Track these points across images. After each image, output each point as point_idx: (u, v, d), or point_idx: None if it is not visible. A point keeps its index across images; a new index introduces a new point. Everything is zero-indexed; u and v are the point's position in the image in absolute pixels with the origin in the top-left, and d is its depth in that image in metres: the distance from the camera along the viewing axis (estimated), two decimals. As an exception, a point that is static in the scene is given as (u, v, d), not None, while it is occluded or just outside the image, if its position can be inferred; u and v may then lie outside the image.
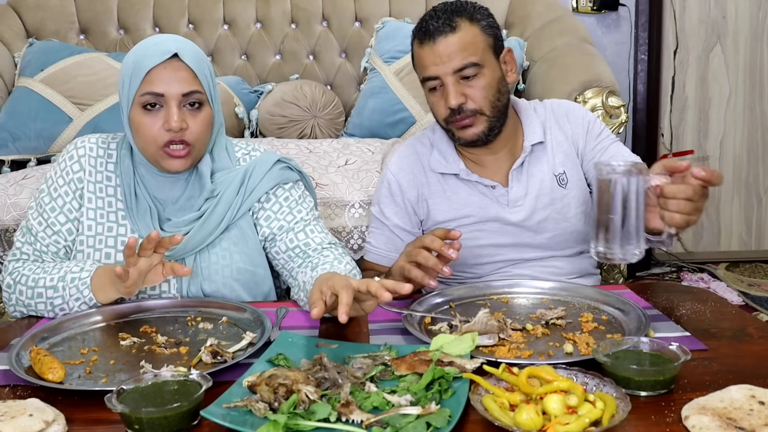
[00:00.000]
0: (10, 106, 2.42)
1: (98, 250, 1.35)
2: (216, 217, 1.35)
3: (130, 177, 1.36)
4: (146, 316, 1.24)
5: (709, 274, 3.25)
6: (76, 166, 1.38)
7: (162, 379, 0.89)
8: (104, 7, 2.79)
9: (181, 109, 1.27)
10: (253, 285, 1.40)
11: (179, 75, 1.27)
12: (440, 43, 1.39)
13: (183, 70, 1.27)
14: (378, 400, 0.85)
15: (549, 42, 2.53)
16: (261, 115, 2.50)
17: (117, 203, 1.37)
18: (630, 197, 1.02)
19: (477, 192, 1.50)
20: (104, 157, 1.39)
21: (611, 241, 1.04)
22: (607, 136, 1.53)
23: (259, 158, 1.42)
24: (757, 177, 3.41)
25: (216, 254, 1.36)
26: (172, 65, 1.27)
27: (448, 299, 1.25)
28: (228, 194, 1.36)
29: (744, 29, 3.29)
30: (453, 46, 1.38)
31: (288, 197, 1.42)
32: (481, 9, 1.45)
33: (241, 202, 1.38)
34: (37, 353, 1.00)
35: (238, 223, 1.39)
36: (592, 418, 0.77)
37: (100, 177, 1.38)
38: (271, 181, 1.41)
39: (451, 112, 1.41)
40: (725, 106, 3.35)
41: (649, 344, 0.94)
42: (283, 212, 1.41)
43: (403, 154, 1.59)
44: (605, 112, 2.14)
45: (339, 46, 2.82)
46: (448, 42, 1.39)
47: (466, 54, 1.39)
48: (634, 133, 3.22)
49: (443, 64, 1.39)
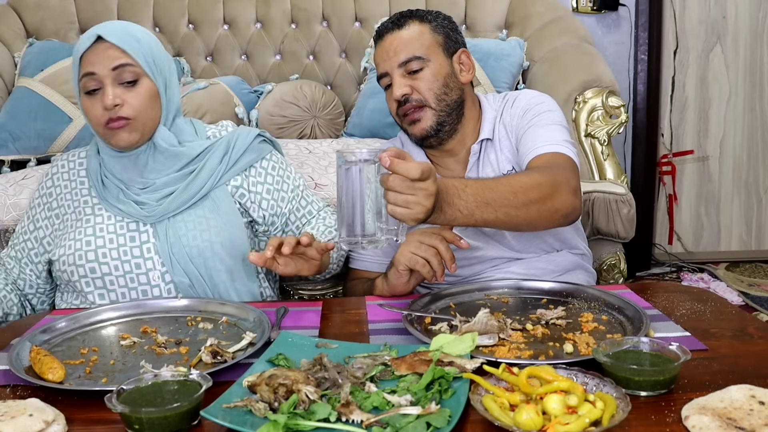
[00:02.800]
0: (10, 106, 2.42)
1: (78, 240, 1.39)
2: (198, 182, 1.41)
3: (96, 171, 1.44)
4: (146, 316, 1.24)
5: (709, 274, 3.25)
6: (49, 182, 1.51)
7: (162, 379, 0.89)
8: (104, 7, 2.79)
9: (116, 86, 1.35)
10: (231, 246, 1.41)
11: (106, 54, 1.34)
12: (386, 39, 1.47)
13: (110, 48, 1.35)
14: (378, 400, 0.85)
15: (549, 42, 2.53)
16: (261, 115, 2.50)
17: (92, 199, 1.45)
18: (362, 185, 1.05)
19: None
20: (75, 168, 1.50)
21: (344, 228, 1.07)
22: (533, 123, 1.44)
23: (241, 130, 1.50)
24: (757, 177, 3.41)
25: (192, 221, 1.40)
26: (99, 46, 1.35)
27: (448, 299, 1.25)
28: (212, 161, 1.43)
29: (744, 29, 3.29)
30: (398, 41, 1.45)
31: (274, 166, 1.51)
32: (437, 13, 1.52)
33: (224, 171, 1.44)
34: (37, 353, 1.00)
35: (213, 193, 1.43)
36: (592, 418, 0.77)
37: (73, 185, 1.48)
38: (254, 153, 1.48)
39: (398, 104, 1.46)
40: (725, 106, 3.35)
41: (649, 344, 0.94)
42: (277, 182, 1.50)
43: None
44: (605, 112, 2.14)
45: (339, 46, 2.81)
46: (394, 37, 1.46)
47: (410, 48, 1.45)
48: (634, 133, 3.22)
49: (389, 59, 1.45)
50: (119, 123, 1.35)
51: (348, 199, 1.06)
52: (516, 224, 1.23)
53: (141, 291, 1.38)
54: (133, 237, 1.39)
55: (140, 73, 1.36)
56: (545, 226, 1.32)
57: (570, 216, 1.31)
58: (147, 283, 1.37)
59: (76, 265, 1.37)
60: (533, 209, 1.22)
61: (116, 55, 1.34)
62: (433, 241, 1.25)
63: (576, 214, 1.32)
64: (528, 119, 1.46)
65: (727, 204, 3.44)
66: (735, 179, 3.42)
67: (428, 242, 1.25)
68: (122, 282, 1.37)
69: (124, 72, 1.35)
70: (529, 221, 1.24)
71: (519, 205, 1.20)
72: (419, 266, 1.25)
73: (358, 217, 1.06)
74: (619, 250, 2.22)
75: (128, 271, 1.37)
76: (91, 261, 1.37)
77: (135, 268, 1.37)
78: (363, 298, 1.32)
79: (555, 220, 1.29)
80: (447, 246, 1.25)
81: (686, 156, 3.36)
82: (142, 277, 1.37)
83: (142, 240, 1.39)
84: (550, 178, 1.27)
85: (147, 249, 1.38)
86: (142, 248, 1.38)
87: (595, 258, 1.82)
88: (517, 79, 2.56)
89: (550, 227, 1.36)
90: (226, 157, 1.44)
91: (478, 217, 1.17)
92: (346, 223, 1.07)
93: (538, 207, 1.23)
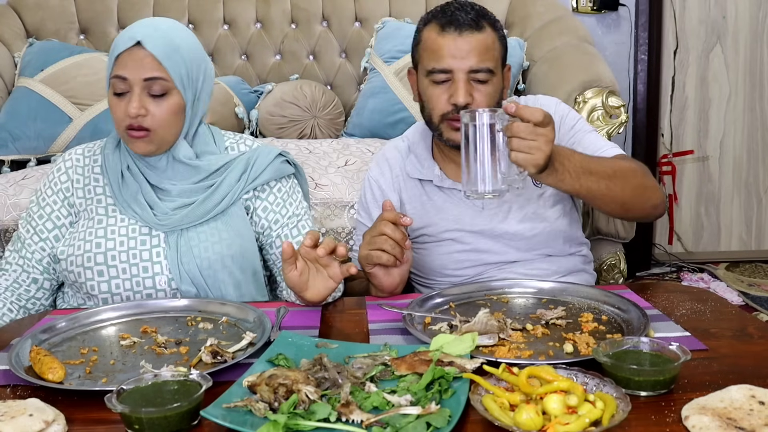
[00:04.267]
0: (10, 106, 2.42)
1: (88, 242, 1.38)
2: (216, 198, 1.40)
3: (117, 166, 1.41)
4: (146, 316, 1.23)
5: (709, 274, 3.25)
6: (63, 176, 1.46)
7: (162, 379, 0.89)
8: (104, 7, 2.79)
9: (144, 95, 1.33)
10: (242, 260, 1.41)
11: (142, 61, 1.32)
12: (465, 37, 1.36)
13: (147, 57, 1.32)
14: (378, 400, 0.85)
15: (549, 42, 2.53)
16: (261, 115, 2.50)
17: (106, 199, 1.43)
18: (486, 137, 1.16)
19: (451, 197, 1.49)
20: (90, 164, 1.47)
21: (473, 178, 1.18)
22: (581, 128, 1.50)
23: (262, 149, 1.47)
24: (757, 177, 3.41)
25: (204, 232, 1.39)
26: (136, 52, 1.32)
27: (448, 299, 1.25)
28: (230, 179, 1.41)
29: (744, 29, 3.29)
30: (476, 45, 1.36)
31: (281, 188, 1.47)
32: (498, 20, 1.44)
33: (242, 188, 1.42)
34: (37, 353, 1.00)
35: (230, 210, 1.42)
36: (592, 418, 0.77)
37: (87, 181, 1.45)
38: (272, 172, 1.45)
39: (453, 109, 1.38)
40: (725, 106, 3.35)
41: (649, 344, 0.94)
42: (278, 204, 1.46)
43: (381, 158, 1.58)
44: (605, 112, 2.14)
45: (339, 46, 2.82)
46: (473, 39, 1.36)
47: (485, 57, 1.37)
48: (634, 133, 3.22)
49: (461, 59, 1.36)
50: (139, 133, 1.33)
51: (472, 155, 1.18)
52: (613, 199, 1.32)
53: (146, 294, 1.38)
54: (144, 241, 1.38)
55: (171, 87, 1.34)
56: (637, 211, 1.40)
57: (658, 208, 1.40)
58: (153, 287, 1.37)
59: (84, 267, 1.36)
60: (628, 190, 1.33)
61: (151, 66, 1.32)
62: (379, 228, 1.26)
63: (661, 209, 1.41)
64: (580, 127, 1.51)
65: (727, 204, 3.44)
66: (735, 179, 3.42)
67: (375, 233, 1.27)
68: (128, 285, 1.37)
69: (154, 84, 1.32)
70: (623, 201, 1.34)
71: (618, 183, 1.30)
72: (376, 258, 1.26)
73: (486, 170, 1.17)
74: (619, 250, 2.22)
75: (135, 274, 1.37)
76: (99, 264, 1.36)
77: (142, 272, 1.37)
78: (363, 298, 1.32)
79: (646, 209, 1.39)
80: (393, 227, 1.26)
81: (686, 156, 3.36)
82: (148, 281, 1.37)
83: (152, 244, 1.38)
84: (642, 169, 1.38)
85: (156, 253, 1.37)
86: (151, 252, 1.37)
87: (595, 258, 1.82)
88: (517, 79, 2.56)
89: (640, 215, 1.45)
90: (245, 175, 1.42)
91: (583, 182, 1.26)
92: (472, 178, 1.18)
93: (632, 190, 1.33)
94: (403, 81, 2.47)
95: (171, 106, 1.35)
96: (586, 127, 1.51)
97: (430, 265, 1.51)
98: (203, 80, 1.40)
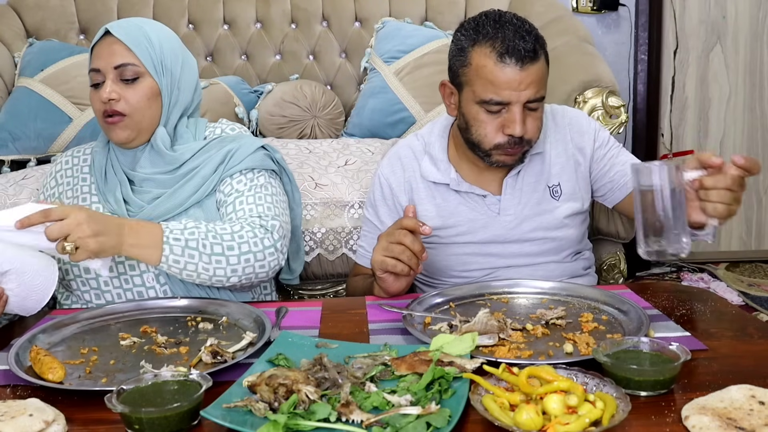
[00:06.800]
0: (10, 106, 2.42)
1: None
2: (188, 189, 1.39)
3: (102, 165, 1.44)
4: (146, 316, 1.24)
5: (709, 274, 3.25)
6: (53, 182, 1.52)
7: (162, 379, 0.89)
8: (104, 7, 2.78)
9: (117, 82, 1.37)
10: None
11: (111, 49, 1.37)
12: (527, 70, 1.30)
13: (115, 44, 1.37)
14: (378, 400, 0.85)
15: (549, 42, 2.48)
16: (261, 115, 2.50)
17: (91, 197, 1.45)
18: (674, 193, 1.04)
19: (467, 201, 1.48)
20: (79, 164, 1.51)
21: (662, 238, 1.06)
22: (614, 145, 1.52)
23: (245, 141, 1.46)
24: (757, 177, 3.41)
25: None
26: (106, 41, 1.38)
27: (448, 299, 1.25)
28: (205, 170, 1.41)
29: (744, 29, 3.29)
30: (535, 76, 1.31)
31: (253, 178, 1.43)
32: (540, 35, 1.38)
33: (218, 179, 1.42)
34: (37, 353, 1.00)
35: (205, 202, 1.41)
36: (592, 418, 0.77)
37: (75, 182, 1.49)
38: (250, 162, 1.43)
39: (509, 140, 1.35)
40: (725, 106, 3.35)
41: (649, 344, 0.94)
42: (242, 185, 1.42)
43: (394, 157, 1.56)
44: (605, 112, 2.14)
45: (339, 46, 2.81)
46: (532, 70, 1.31)
47: (540, 86, 1.34)
48: (634, 133, 3.22)
49: (520, 92, 1.31)
50: (114, 119, 1.37)
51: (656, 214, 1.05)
52: None
53: (136, 292, 1.37)
54: None
55: (142, 72, 1.37)
56: None
57: None
58: (142, 284, 1.37)
59: (71, 263, 1.37)
60: None
61: (120, 52, 1.36)
62: (398, 237, 1.23)
63: None
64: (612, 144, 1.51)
65: (727, 204, 3.43)
66: (735, 179, 3.41)
67: (394, 240, 1.24)
68: (117, 283, 1.37)
69: (125, 70, 1.37)
70: None
71: None
72: (391, 267, 1.24)
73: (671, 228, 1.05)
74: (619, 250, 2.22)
75: (122, 272, 1.37)
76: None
77: (129, 270, 1.37)
78: (363, 298, 1.32)
79: None
80: (413, 238, 1.23)
81: (686, 156, 3.36)
82: (137, 278, 1.37)
83: None
84: None
85: None
86: None
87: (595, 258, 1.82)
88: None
89: None
90: (221, 166, 1.42)
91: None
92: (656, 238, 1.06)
93: None
94: (403, 81, 2.47)
95: (144, 89, 1.38)
96: (617, 144, 1.52)
97: (436, 265, 1.50)
98: (182, 70, 1.42)
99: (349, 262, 1.88)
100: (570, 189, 1.49)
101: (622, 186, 1.50)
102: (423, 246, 1.24)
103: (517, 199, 1.47)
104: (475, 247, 1.48)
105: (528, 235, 1.47)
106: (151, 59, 1.38)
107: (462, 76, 1.38)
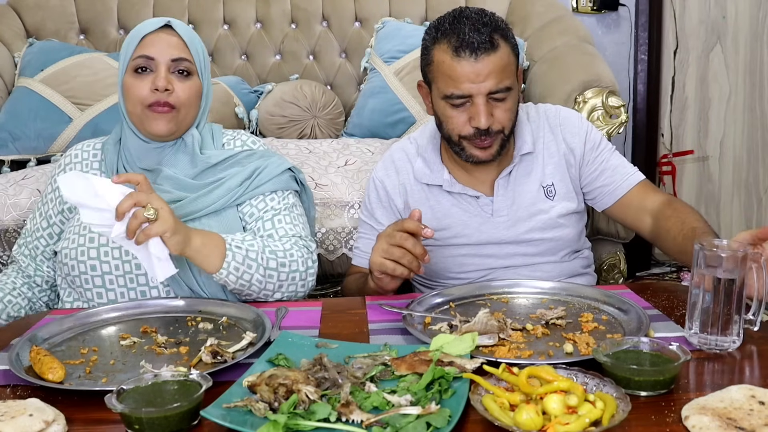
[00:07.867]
0: (10, 106, 2.42)
1: (82, 235, 1.38)
2: (212, 197, 1.39)
3: (113, 162, 1.43)
4: (146, 316, 1.23)
5: (709, 274, 3.25)
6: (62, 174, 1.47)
7: (162, 379, 0.89)
8: (104, 7, 2.79)
9: (170, 74, 1.37)
10: None
11: (170, 41, 1.38)
12: (482, 61, 1.31)
13: (175, 37, 1.39)
14: (378, 400, 0.85)
15: (549, 42, 2.53)
16: (261, 115, 2.50)
17: None
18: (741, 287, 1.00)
19: (460, 202, 1.48)
20: (89, 159, 1.49)
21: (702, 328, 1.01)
22: (606, 147, 1.51)
23: (272, 161, 1.45)
24: (757, 177, 3.41)
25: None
26: (165, 32, 1.39)
27: (448, 299, 1.25)
28: (232, 182, 1.41)
29: (744, 29, 3.29)
30: (492, 66, 1.32)
31: (274, 197, 1.44)
32: (507, 25, 1.38)
33: (241, 193, 1.42)
34: (37, 353, 1.00)
35: (222, 212, 1.41)
36: (592, 418, 0.77)
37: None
38: (275, 184, 1.44)
39: (475, 132, 1.36)
40: (725, 106, 3.35)
41: (649, 344, 0.94)
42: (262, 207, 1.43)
43: (387, 160, 1.56)
44: (605, 112, 2.14)
45: (339, 46, 2.82)
46: (489, 61, 1.31)
47: (502, 77, 1.33)
48: (634, 133, 3.22)
49: (479, 84, 1.32)
50: (164, 108, 1.36)
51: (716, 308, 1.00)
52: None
53: (140, 292, 1.37)
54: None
55: (194, 70, 1.40)
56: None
57: None
58: (146, 284, 1.37)
59: (78, 260, 1.37)
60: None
61: (179, 46, 1.38)
62: (399, 240, 1.22)
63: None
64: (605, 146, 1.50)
65: (727, 204, 3.43)
66: (735, 179, 3.41)
67: (395, 242, 1.23)
68: (122, 282, 1.37)
69: (181, 65, 1.38)
70: None
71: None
72: (390, 270, 1.24)
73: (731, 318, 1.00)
74: (619, 250, 2.22)
75: (128, 271, 1.37)
76: (92, 258, 1.36)
77: (135, 269, 1.37)
78: (363, 298, 1.32)
79: None
80: (415, 241, 1.22)
81: (686, 156, 3.36)
82: (142, 278, 1.37)
83: None
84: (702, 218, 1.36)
85: None
86: None
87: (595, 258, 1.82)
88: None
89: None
90: (247, 181, 1.42)
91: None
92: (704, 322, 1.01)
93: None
94: (403, 81, 2.48)
95: (194, 87, 1.40)
96: (609, 146, 1.52)
97: (433, 267, 1.50)
98: (209, 75, 1.46)
99: (349, 262, 1.88)
100: (564, 188, 1.49)
101: (612, 192, 1.49)
102: (424, 249, 1.24)
103: (510, 200, 1.47)
104: (471, 249, 1.48)
105: (524, 236, 1.47)
106: (200, 60, 1.41)
107: (429, 74, 1.41)
